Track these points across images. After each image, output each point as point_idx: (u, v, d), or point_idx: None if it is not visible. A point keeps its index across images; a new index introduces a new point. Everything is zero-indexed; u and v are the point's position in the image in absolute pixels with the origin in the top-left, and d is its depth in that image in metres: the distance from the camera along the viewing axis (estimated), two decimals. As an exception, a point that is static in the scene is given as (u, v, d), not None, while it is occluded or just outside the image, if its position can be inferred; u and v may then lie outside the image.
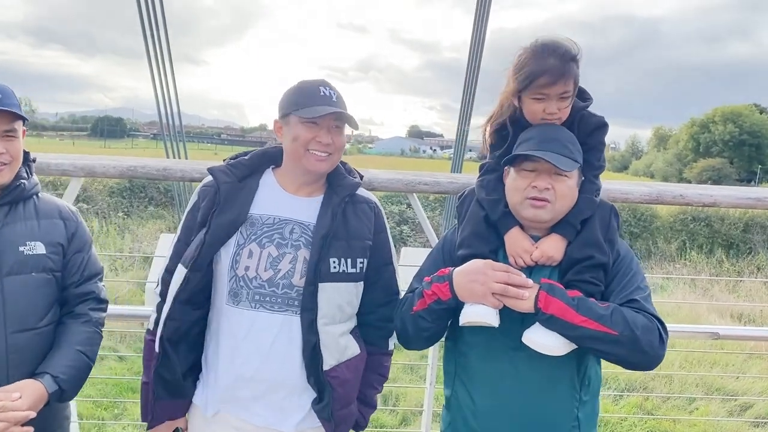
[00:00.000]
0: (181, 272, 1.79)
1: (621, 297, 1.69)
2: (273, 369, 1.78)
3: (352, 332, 1.90)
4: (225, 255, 1.79)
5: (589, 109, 1.84)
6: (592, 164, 1.82)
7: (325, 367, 1.79)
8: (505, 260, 1.77)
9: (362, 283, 1.88)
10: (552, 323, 1.60)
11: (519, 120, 1.84)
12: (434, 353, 2.83)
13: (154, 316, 1.88)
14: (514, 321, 1.69)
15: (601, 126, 1.83)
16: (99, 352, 1.93)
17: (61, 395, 1.77)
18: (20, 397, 1.66)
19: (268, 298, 1.77)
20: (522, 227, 1.79)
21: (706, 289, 12.01)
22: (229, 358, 1.80)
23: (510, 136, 1.85)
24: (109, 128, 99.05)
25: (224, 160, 1.94)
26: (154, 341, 1.83)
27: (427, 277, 1.76)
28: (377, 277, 1.92)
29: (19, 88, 1.84)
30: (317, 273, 1.76)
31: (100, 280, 2.00)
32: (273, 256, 1.78)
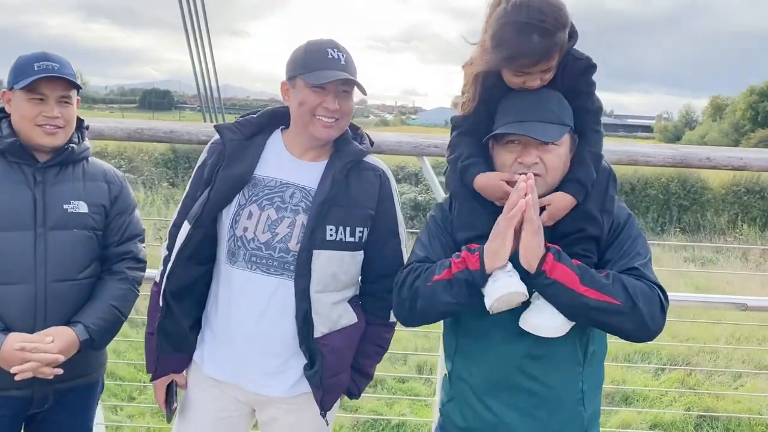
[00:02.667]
0: (185, 228, 1.79)
1: (620, 265, 1.59)
2: (265, 330, 1.77)
3: (350, 301, 1.86)
4: (226, 214, 1.78)
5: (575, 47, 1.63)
6: (588, 109, 1.66)
7: (316, 335, 1.76)
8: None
9: (362, 252, 1.83)
10: (552, 290, 1.50)
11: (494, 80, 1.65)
12: None
13: (161, 269, 1.89)
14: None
15: (589, 68, 1.63)
16: (142, 318, 2.03)
17: (92, 344, 1.90)
18: (53, 341, 1.81)
19: (264, 261, 1.75)
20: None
21: (759, 263, 11.54)
22: (224, 317, 1.81)
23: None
24: (156, 101, 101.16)
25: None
26: (159, 294, 1.85)
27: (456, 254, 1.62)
28: (381, 248, 1.86)
29: (71, 61, 1.97)
30: (312, 239, 1.72)
31: (141, 241, 2.12)
32: (272, 219, 1.76)
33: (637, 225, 1.69)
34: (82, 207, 1.96)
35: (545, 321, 1.55)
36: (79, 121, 2.05)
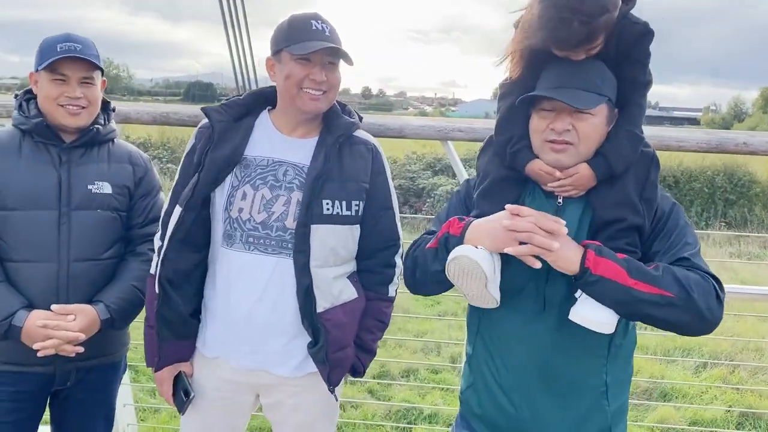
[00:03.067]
0: (177, 212, 1.78)
1: (669, 256, 1.52)
2: (266, 311, 1.76)
3: (349, 277, 1.87)
4: (219, 196, 1.78)
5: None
6: (637, 80, 1.59)
7: (319, 310, 1.75)
8: None
9: (358, 226, 1.84)
10: (599, 286, 1.44)
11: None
12: None
13: (155, 259, 1.87)
14: (539, 278, 1.55)
15: (646, 33, 1.56)
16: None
17: (113, 323, 1.94)
18: (75, 319, 1.85)
19: (261, 241, 1.75)
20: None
21: (813, 260, 11.06)
22: (224, 300, 1.80)
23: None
24: (200, 93, 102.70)
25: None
26: (154, 284, 1.84)
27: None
28: (375, 221, 1.87)
29: (117, 54, 2.06)
30: (309, 214, 1.73)
31: None
32: (266, 198, 1.76)
33: (684, 214, 1.62)
34: (107, 188, 1.99)
35: (599, 315, 1.47)
36: (106, 103, 2.08)
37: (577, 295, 1.51)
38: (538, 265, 1.46)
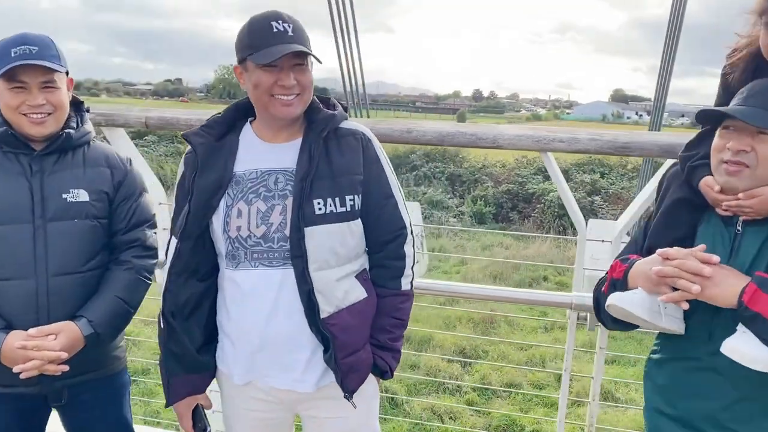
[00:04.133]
0: (173, 244, 1.72)
1: None
2: (280, 326, 1.68)
3: (358, 276, 1.76)
4: (216, 220, 1.71)
5: None
6: None
7: (323, 315, 1.66)
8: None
9: (358, 221, 1.73)
10: (758, 324, 1.32)
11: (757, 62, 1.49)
12: (602, 337, 2.53)
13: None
14: (707, 307, 1.41)
15: None
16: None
17: (97, 339, 1.82)
18: (55, 338, 1.74)
19: (265, 255, 1.67)
20: None
21: None
22: (238, 323, 1.73)
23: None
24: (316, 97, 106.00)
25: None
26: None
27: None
28: (379, 212, 1.76)
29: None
30: (301, 217, 1.63)
31: (150, 227, 2.02)
32: (262, 210, 1.68)
33: None
34: (83, 195, 1.86)
35: (752, 350, 1.34)
36: (79, 103, 1.95)
37: (738, 328, 1.39)
38: (685, 306, 1.40)
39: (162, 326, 1.76)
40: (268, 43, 1.59)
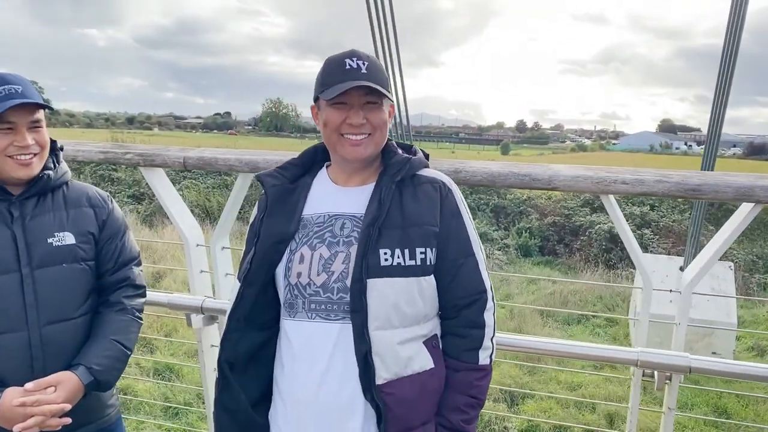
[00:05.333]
0: (235, 288, 1.63)
1: None
2: (334, 387, 1.51)
3: (426, 342, 1.58)
4: (280, 264, 1.60)
5: None
6: None
7: (378, 381, 1.48)
8: None
9: (430, 278, 1.56)
10: None
11: None
12: (671, 396, 2.27)
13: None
14: None
15: None
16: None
17: (98, 386, 1.76)
18: (55, 390, 1.66)
19: (323, 306, 1.53)
20: None
21: None
22: (291, 379, 1.58)
23: None
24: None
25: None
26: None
27: None
28: (455, 272, 1.58)
29: (287, 95, 1.93)
30: (364, 267, 1.49)
31: (137, 265, 1.96)
32: (325, 257, 1.55)
33: None
34: (69, 238, 1.79)
35: None
36: (52, 142, 1.87)
37: None
38: None
39: (217, 376, 1.64)
40: (339, 79, 1.52)
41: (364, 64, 1.53)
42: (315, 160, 1.73)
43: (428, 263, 1.55)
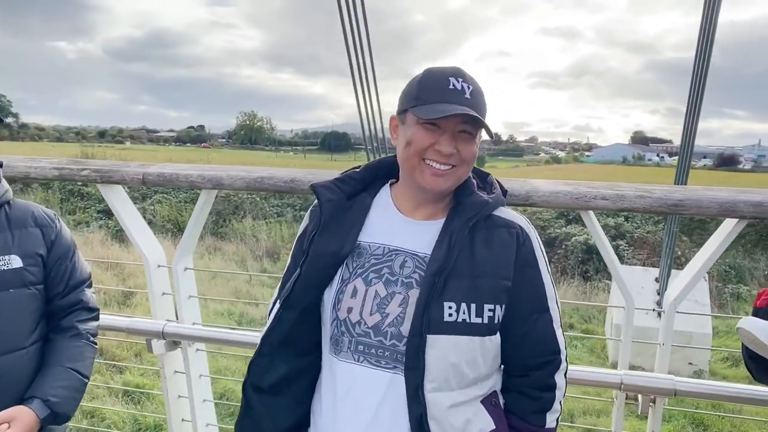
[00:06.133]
0: (275, 309, 1.46)
1: None
2: None
3: (485, 401, 1.42)
4: (328, 293, 1.44)
5: None
6: None
7: None
8: None
9: (496, 337, 1.40)
10: None
11: None
12: (655, 420, 2.17)
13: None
14: None
15: None
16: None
17: (55, 419, 1.64)
18: (9, 428, 1.55)
19: (373, 350, 1.37)
20: None
21: None
22: (330, 421, 1.42)
23: None
24: (335, 143, 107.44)
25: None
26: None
27: None
28: (528, 329, 1.42)
29: (262, 107, 1.76)
30: (425, 321, 1.32)
31: (88, 286, 1.85)
32: (381, 296, 1.38)
33: None
34: (15, 261, 1.66)
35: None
36: None
37: None
38: None
39: (241, 399, 1.50)
40: (439, 98, 1.34)
41: (468, 87, 1.36)
42: (377, 176, 1.55)
43: (495, 321, 1.39)
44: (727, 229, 1.92)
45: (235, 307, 9.00)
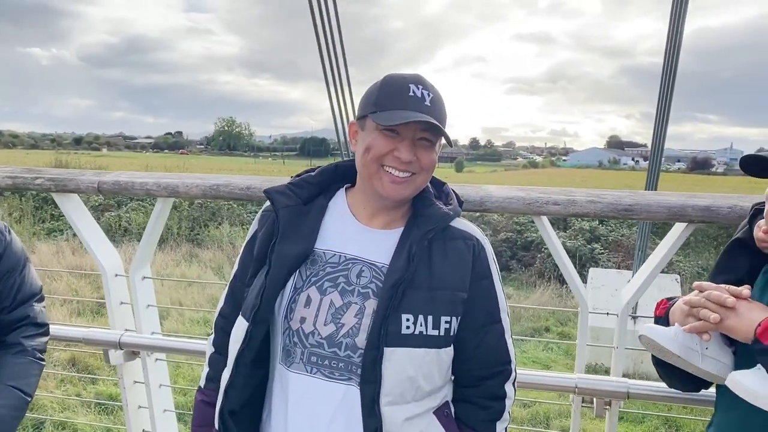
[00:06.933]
0: (242, 326, 1.39)
1: None
2: None
3: (438, 411, 1.41)
4: (279, 300, 1.39)
5: None
6: None
7: None
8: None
9: (450, 349, 1.39)
10: (764, 357, 1.30)
11: None
12: (611, 424, 2.20)
13: (206, 371, 1.53)
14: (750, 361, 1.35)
15: None
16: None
17: None
18: None
19: (327, 362, 1.34)
20: None
21: None
22: (279, 428, 1.39)
23: None
24: (314, 148, 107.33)
25: (291, 178, 1.53)
26: (207, 404, 1.48)
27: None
28: (479, 340, 1.42)
29: (240, 113, 1.70)
30: (383, 334, 1.30)
31: (39, 301, 1.80)
32: (336, 306, 1.35)
33: None
34: None
35: (755, 385, 1.29)
36: None
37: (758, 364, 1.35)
38: (707, 338, 1.39)
39: (216, 427, 1.43)
40: (399, 105, 1.33)
41: (428, 95, 1.35)
42: (334, 180, 1.52)
43: (451, 333, 1.37)
44: (677, 233, 1.94)
45: (212, 315, 8.93)
